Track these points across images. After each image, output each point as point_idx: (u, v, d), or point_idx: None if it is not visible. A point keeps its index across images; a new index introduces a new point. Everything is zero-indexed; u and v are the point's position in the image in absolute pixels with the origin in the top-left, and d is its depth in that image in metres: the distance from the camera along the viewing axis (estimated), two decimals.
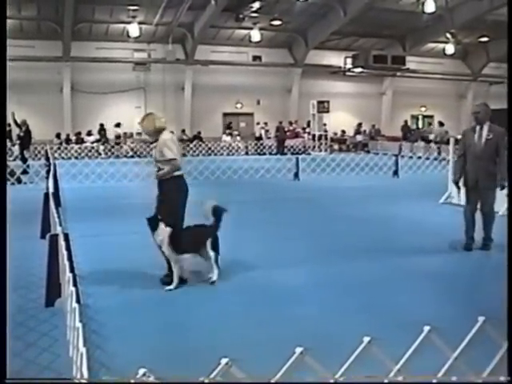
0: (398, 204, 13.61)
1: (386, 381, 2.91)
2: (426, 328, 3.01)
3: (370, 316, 5.87)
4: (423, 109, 39.42)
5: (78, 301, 4.27)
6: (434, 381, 3.01)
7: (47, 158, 20.39)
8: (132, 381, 2.36)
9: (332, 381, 2.72)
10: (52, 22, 29.71)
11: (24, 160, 20.72)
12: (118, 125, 31.85)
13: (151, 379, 2.37)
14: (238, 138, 33.56)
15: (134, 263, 7.94)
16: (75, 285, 4.74)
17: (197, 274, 7.28)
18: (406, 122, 36.15)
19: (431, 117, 38.87)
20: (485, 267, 8.08)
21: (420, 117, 39.44)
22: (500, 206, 10.26)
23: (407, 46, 36.23)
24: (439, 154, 26.85)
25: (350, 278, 7.26)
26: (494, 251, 8.48)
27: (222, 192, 16.58)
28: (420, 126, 38.01)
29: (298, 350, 2.60)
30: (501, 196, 9.31)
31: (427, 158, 23.42)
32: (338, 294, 6.67)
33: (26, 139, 21.74)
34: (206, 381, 2.47)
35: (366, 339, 2.83)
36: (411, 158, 24.42)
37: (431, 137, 31.43)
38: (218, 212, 7.21)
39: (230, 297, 6.57)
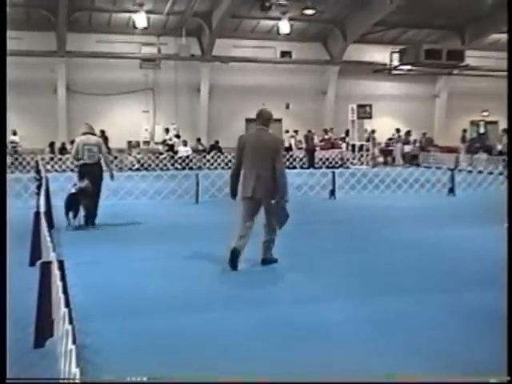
0: (454, 228, 13.48)
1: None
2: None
3: (420, 359, 5.80)
4: (485, 113, 39.13)
5: (74, 341, 4.29)
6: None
7: (38, 171, 20.58)
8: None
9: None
10: (44, 9, 30.11)
11: None
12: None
13: None
14: None
15: (139, 295, 7.97)
16: (71, 322, 4.76)
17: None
18: (464, 130, 35.72)
19: (495, 123, 38.51)
20: None
21: (481, 123, 39.16)
22: None
23: (466, 37, 36.10)
24: (505, 167, 26.57)
25: (395, 315, 7.19)
26: None
27: None
28: (482, 133, 37.68)
29: None
30: None
31: (490, 173, 23.21)
32: (381, 332, 6.60)
33: None
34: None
35: None
36: (470, 172, 24.24)
37: (499, 147, 31.09)
38: None
39: (253, 333, 6.56)
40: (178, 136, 32.61)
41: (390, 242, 11.96)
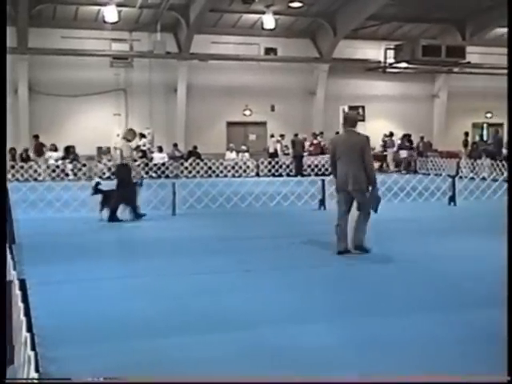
0: (455, 240, 13.51)
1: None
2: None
3: None
4: (489, 115, 39.33)
5: (37, 369, 4.27)
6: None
7: None
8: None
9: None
10: None
11: None
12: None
13: None
14: (247, 154, 33.61)
15: (110, 317, 7.94)
16: (34, 348, 4.73)
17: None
18: (466, 133, 35.86)
19: (500, 125, 38.61)
20: None
21: (485, 125, 39.37)
22: None
23: (467, 32, 36.23)
24: None
25: (394, 336, 7.21)
26: None
27: (226, 225, 16.59)
28: (485, 137, 37.86)
29: None
30: None
31: (494, 180, 23.29)
32: (380, 355, 6.60)
33: None
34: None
35: None
36: (473, 179, 24.31)
37: (504, 152, 31.23)
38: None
39: (234, 360, 6.53)
40: (142, 135, 32.41)
41: (384, 256, 11.96)
